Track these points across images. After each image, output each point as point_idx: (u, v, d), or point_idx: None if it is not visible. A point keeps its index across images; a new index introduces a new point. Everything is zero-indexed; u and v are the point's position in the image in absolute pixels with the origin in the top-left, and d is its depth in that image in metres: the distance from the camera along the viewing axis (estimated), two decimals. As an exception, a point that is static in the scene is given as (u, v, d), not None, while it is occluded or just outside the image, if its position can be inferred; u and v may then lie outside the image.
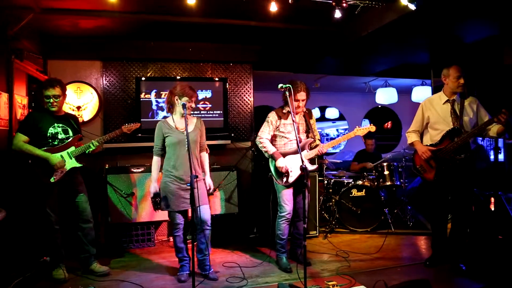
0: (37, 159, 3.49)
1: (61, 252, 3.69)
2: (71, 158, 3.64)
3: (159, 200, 3.58)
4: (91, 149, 3.69)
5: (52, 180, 3.53)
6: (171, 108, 3.65)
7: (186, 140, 3.32)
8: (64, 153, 3.61)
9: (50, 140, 3.58)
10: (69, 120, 3.77)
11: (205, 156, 3.82)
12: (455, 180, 3.67)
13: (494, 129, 3.52)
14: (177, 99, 3.55)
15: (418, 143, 3.86)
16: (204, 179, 3.72)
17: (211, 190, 3.76)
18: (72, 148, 3.65)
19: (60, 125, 3.65)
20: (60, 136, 3.63)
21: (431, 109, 3.81)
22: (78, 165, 3.67)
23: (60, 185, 3.61)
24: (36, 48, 4.58)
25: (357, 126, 3.93)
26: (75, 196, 3.73)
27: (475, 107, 3.69)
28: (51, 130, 3.59)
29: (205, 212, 3.61)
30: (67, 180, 3.63)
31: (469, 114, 3.66)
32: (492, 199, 4.54)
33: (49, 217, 3.58)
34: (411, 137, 3.95)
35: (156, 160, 3.64)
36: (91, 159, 3.85)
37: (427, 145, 3.79)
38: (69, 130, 3.70)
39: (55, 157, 3.54)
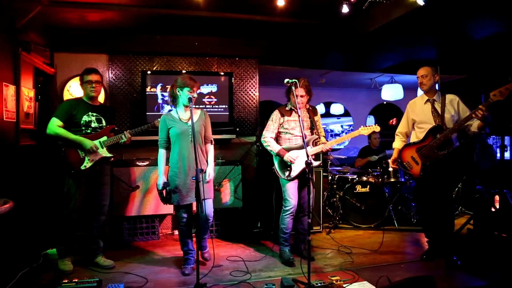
0: (70, 144, 3.54)
1: (73, 242, 3.71)
2: (102, 148, 3.66)
3: (166, 194, 3.59)
4: (123, 141, 3.73)
5: (83, 167, 3.56)
6: (174, 101, 3.68)
7: (190, 130, 3.39)
8: (96, 142, 3.64)
9: (83, 128, 3.63)
10: (104, 111, 3.82)
11: (210, 148, 3.83)
12: (439, 175, 3.78)
13: (475, 124, 3.65)
14: (179, 91, 3.58)
15: (395, 151, 4.10)
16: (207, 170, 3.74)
17: (209, 178, 3.69)
18: (104, 138, 3.69)
19: (95, 114, 3.70)
20: (93, 125, 3.68)
21: (415, 110, 4.00)
22: (108, 155, 3.71)
23: (89, 174, 3.64)
24: (43, 41, 4.59)
25: (361, 126, 3.99)
26: (99, 187, 3.76)
27: (456, 104, 3.81)
28: (85, 118, 3.64)
29: (208, 207, 3.65)
30: (96, 170, 3.67)
31: (450, 111, 3.78)
32: (497, 197, 4.53)
33: (72, 204, 3.58)
34: (395, 141, 4.18)
35: (162, 152, 3.66)
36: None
37: (414, 142, 3.92)
38: (103, 120, 3.75)
39: (89, 141, 3.58)
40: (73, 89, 4.85)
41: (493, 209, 4.55)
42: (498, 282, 3.37)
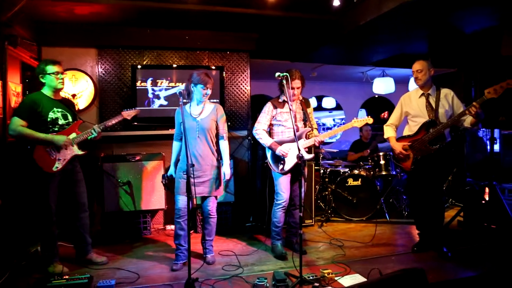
0: (39, 144, 3.35)
1: (57, 246, 3.58)
2: (72, 145, 3.50)
3: (167, 182, 3.71)
4: (93, 136, 3.58)
5: (55, 168, 3.39)
6: (189, 95, 3.68)
7: (197, 126, 3.52)
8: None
9: (50, 126, 3.42)
10: (68, 105, 3.64)
11: (224, 144, 3.82)
12: (431, 168, 3.81)
13: (468, 120, 3.67)
14: (192, 87, 3.60)
15: (392, 140, 4.04)
16: (219, 167, 3.75)
17: (226, 179, 3.78)
18: (74, 135, 3.52)
19: (59, 110, 3.49)
20: (60, 122, 3.47)
21: (409, 103, 3.99)
22: (80, 152, 3.55)
23: (62, 175, 3.49)
24: (30, 34, 4.52)
25: (354, 118, 3.97)
26: (74, 185, 3.63)
27: (450, 99, 3.82)
28: (51, 115, 3.42)
29: (209, 204, 3.72)
30: (69, 169, 3.54)
31: (444, 106, 3.79)
32: (487, 189, 4.57)
33: (49, 208, 3.44)
34: (387, 131, 4.14)
35: (175, 145, 3.77)
36: (88, 147, 3.83)
37: (406, 136, 3.93)
38: (68, 115, 3.56)
39: (61, 136, 3.41)
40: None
41: (483, 201, 4.60)
42: (488, 273, 3.42)
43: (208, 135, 3.67)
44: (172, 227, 4.66)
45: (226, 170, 3.76)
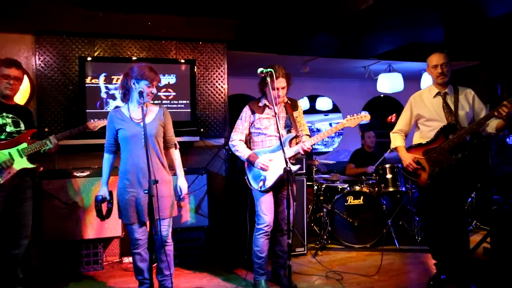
0: None
1: None
2: (21, 157, 3.54)
3: (105, 207, 3.54)
4: (48, 147, 3.62)
5: None
6: (126, 94, 3.47)
7: (143, 133, 3.22)
8: (13, 150, 3.51)
9: None
10: (22, 112, 3.71)
11: (175, 153, 3.73)
12: (450, 183, 3.73)
13: (492, 124, 3.62)
14: (134, 84, 3.39)
15: (402, 150, 3.98)
16: (171, 181, 3.60)
17: (182, 195, 3.65)
18: (24, 145, 3.56)
19: (10, 115, 3.58)
20: (8, 129, 3.54)
21: (421, 105, 3.95)
22: (30, 166, 3.57)
23: (6, 191, 3.48)
24: None
25: (348, 116, 3.85)
26: (19, 204, 3.61)
27: (471, 99, 3.79)
28: None
29: (165, 228, 3.51)
30: (15, 183, 3.52)
31: (465, 107, 3.76)
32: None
33: None
34: (395, 140, 4.09)
35: (106, 157, 3.55)
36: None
37: (419, 144, 3.87)
38: (21, 123, 3.64)
39: (1, 154, 3.43)
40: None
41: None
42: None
43: (156, 143, 3.48)
44: (131, 259, 4.47)
45: (183, 183, 3.65)
